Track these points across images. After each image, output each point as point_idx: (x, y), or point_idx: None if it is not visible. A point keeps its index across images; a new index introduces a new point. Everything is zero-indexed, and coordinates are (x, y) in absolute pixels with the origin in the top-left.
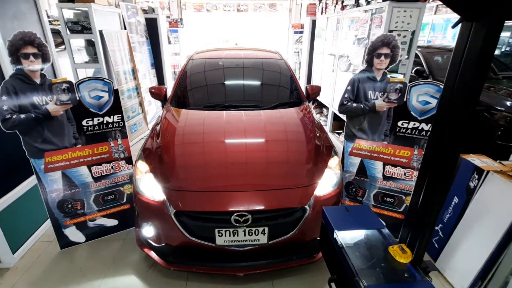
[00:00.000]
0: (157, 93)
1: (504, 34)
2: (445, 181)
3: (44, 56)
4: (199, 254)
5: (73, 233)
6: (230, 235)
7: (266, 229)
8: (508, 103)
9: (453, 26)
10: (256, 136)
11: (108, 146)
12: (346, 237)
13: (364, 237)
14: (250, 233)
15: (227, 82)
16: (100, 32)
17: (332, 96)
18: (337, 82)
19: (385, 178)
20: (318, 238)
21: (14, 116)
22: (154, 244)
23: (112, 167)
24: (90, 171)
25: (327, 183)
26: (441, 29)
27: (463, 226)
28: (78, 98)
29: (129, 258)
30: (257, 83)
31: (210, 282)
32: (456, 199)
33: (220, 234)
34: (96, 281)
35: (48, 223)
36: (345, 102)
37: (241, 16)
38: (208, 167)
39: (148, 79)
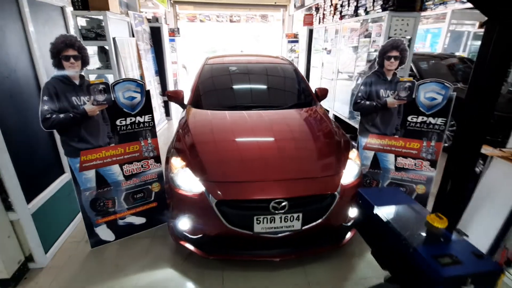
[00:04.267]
0: (175, 97)
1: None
2: (474, 155)
3: (83, 58)
4: (234, 243)
5: (104, 232)
6: (267, 222)
7: (300, 215)
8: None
9: (481, 26)
10: (283, 132)
11: (138, 145)
12: (387, 211)
13: (401, 210)
14: (286, 220)
15: (246, 85)
16: (113, 39)
17: (332, 100)
18: (337, 87)
19: (397, 169)
20: (344, 224)
21: (54, 116)
22: (190, 236)
23: (142, 166)
24: (122, 169)
25: (350, 173)
26: (422, 39)
27: (471, 209)
28: (113, 99)
29: (162, 253)
30: (274, 85)
31: (245, 270)
32: None
33: (258, 222)
34: (134, 276)
35: (73, 224)
36: (358, 101)
37: (234, 26)
38: (245, 160)
39: (153, 86)
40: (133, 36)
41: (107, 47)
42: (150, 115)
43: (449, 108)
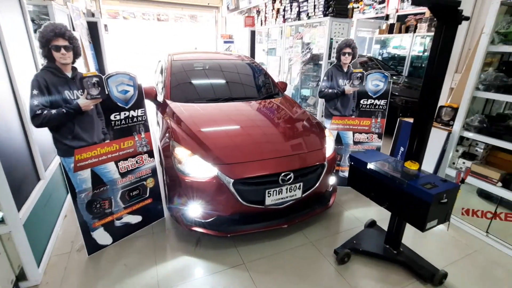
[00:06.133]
0: (148, 93)
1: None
2: (429, 122)
3: (75, 49)
4: (246, 219)
5: (101, 236)
6: (276, 194)
7: (301, 184)
8: (399, 90)
9: (435, 27)
10: (270, 118)
11: (133, 140)
12: (377, 165)
13: (385, 162)
14: (290, 190)
15: (222, 80)
16: None
17: None
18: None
19: (355, 143)
20: (328, 190)
21: (45, 112)
22: (203, 220)
23: (136, 161)
24: (117, 166)
25: (328, 147)
26: None
27: None
28: (107, 93)
29: (169, 244)
30: (246, 79)
31: (255, 242)
32: (402, 149)
33: (269, 195)
34: (150, 270)
35: (54, 236)
36: (323, 90)
37: (162, 25)
38: (247, 142)
39: None
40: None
41: None
42: (143, 109)
43: (388, 92)
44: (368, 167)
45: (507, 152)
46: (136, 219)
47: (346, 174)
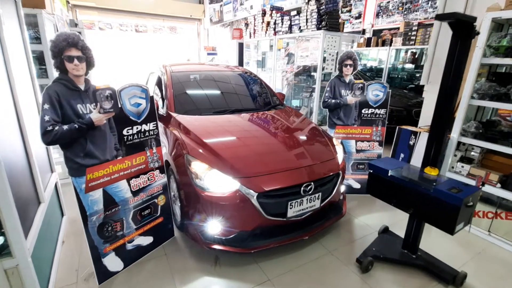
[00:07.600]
0: None
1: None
2: (444, 130)
3: (88, 60)
4: (264, 233)
5: (112, 261)
6: (297, 206)
7: (320, 194)
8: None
9: (450, 42)
10: (281, 128)
11: (144, 155)
12: (398, 172)
13: (404, 169)
14: (310, 201)
15: (226, 91)
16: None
17: None
18: None
19: (357, 151)
20: (340, 199)
21: (57, 128)
22: (223, 237)
23: (148, 178)
24: (129, 185)
25: (339, 155)
26: None
27: (414, 159)
28: (120, 106)
29: (186, 265)
30: (248, 91)
31: (275, 257)
32: (402, 155)
33: (291, 206)
34: None
35: (55, 267)
36: (326, 100)
37: (141, 37)
38: (265, 153)
39: None
40: None
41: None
42: (155, 123)
43: (387, 101)
44: (389, 174)
45: (501, 155)
46: (147, 240)
47: (349, 182)
